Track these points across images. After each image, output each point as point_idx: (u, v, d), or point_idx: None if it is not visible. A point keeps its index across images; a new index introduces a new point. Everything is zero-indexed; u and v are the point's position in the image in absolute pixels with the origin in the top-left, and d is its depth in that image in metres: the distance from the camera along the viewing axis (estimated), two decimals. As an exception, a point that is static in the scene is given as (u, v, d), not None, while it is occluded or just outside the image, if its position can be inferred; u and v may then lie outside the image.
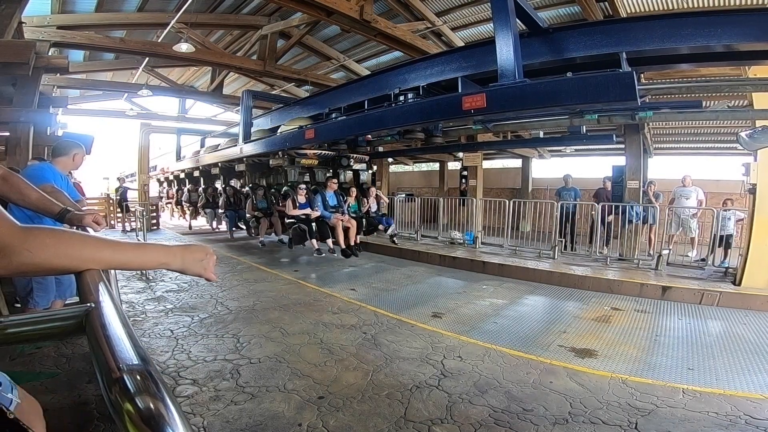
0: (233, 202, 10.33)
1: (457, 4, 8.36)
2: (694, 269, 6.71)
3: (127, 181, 15.66)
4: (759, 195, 5.59)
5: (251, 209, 8.76)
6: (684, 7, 6.47)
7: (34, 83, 5.93)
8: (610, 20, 5.80)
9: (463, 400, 2.81)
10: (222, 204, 10.46)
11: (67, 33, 7.46)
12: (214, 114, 17.41)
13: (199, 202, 11.70)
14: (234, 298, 5.27)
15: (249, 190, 8.91)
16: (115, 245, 0.85)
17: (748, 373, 3.33)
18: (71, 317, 0.77)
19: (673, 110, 5.32)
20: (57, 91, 11.09)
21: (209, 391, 2.85)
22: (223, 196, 10.45)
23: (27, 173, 2.77)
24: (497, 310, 5.05)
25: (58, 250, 0.74)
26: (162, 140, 16.91)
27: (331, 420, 2.54)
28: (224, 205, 10.38)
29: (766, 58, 3.75)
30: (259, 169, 9.58)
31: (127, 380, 0.52)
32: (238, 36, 10.88)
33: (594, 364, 3.51)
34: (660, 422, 2.57)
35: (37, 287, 2.78)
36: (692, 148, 13.13)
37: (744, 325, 4.61)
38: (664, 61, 3.83)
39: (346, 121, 5.50)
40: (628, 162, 8.11)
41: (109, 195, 15.63)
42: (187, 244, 1.00)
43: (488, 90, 3.61)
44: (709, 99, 7.79)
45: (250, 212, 8.82)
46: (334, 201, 7.62)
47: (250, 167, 9.51)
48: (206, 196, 11.47)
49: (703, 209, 8.17)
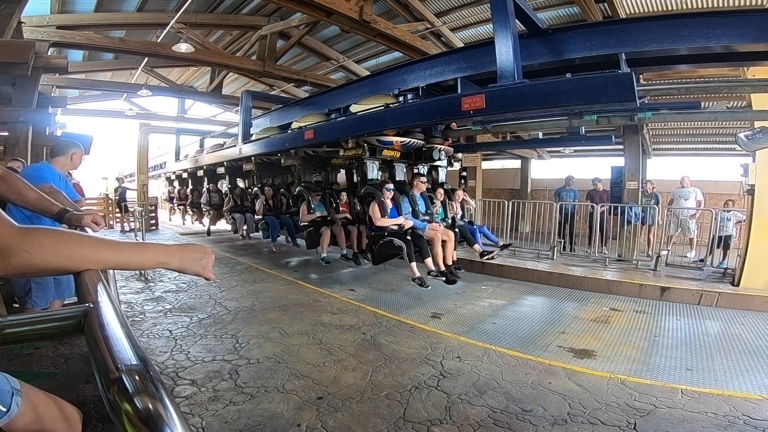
0: (272, 205, 8.46)
1: (457, 5, 8.38)
2: (692, 270, 6.72)
3: (126, 181, 15.64)
4: (757, 196, 5.61)
5: (306, 215, 6.77)
6: (683, 8, 6.49)
7: (33, 83, 5.94)
8: (610, 21, 5.83)
9: (462, 401, 2.81)
10: (260, 208, 8.41)
11: (67, 33, 7.47)
12: (214, 114, 17.41)
13: (225, 205, 9.95)
14: (233, 299, 5.27)
15: (302, 190, 6.96)
16: (113, 245, 0.85)
17: (747, 374, 3.34)
18: (69, 317, 0.77)
19: (672, 111, 5.33)
20: (56, 91, 11.09)
21: (208, 391, 2.84)
22: (261, 198, 8.47)
23: (26, 173, 2.77)
24: (496, 311, 5.05)
25: (56, 250, 0.74)
26: (161, 140, 16.81)
27: (330, 420, 2.53)
28: (263, 209, 8.37)
29: (764, 59, 3.76)
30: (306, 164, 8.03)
31: (125, 380, 0.52)
32: (238, 36, 10.89)
33: (593, 364, 3.51)
34: (659, 423, 2.57)
35: (36, 287, 2.78)
36: (691, 149, 13.17)
37: (742, 325, 4.62)
38: (663, 62, 3.84)
39: (345, 121, 5.50)
40: (627, 163, 8.13)
41: (108, 195, 15.62)
42: (185, 244, 1.00)
43: (487, 91, 3.61)
44: (707, 100, 7.80)
45: (305, 219, 6.78)
46: (424, 206, 5.99)
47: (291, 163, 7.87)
48: (234, 197, 9.71)
49: (702, 210, 8.19)
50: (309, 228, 6.75)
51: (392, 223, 5.42)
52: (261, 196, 8.42)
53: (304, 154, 7.19)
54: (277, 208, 8.46)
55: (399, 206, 5.65)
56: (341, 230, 6.55)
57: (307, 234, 6.79)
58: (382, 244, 5.47)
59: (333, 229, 6.53)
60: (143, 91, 11.48)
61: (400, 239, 5.27)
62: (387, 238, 5.38)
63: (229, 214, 9.76)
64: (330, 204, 6.95)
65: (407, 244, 5.20)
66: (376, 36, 7.50)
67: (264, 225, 8.33)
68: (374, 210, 5.40)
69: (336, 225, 6.60)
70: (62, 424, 0.91)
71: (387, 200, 5.51)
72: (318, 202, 6.85)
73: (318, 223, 6.72)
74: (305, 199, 6.72)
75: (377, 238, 5.53)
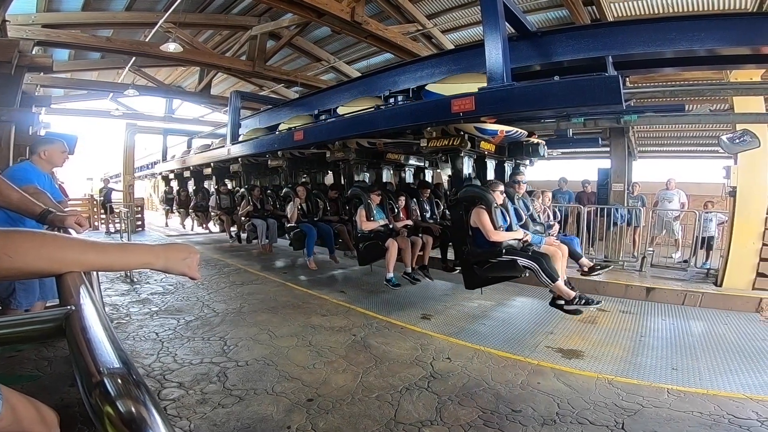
0: (307, 210, 6.93)
1: (448, 7, 8.42)
2: (677, 270, 6.82)
3: (112, 181, 15.39)
4: (739, 197, 5.73)
5: (365, 221, 5.44)
6: (669, 12, 6.61)
7: (16, 82, 5.84)
8: (598, 24, 5.90)
9: (453, 402, 2.82)
10: (293, 213, 6.64)
11: (52, 32, 7.34)
12: (202, 114, 17.26)
13: (241, 209, 8.11)
14: (221, 301, 5.21)
15: (358, 191, 5.67)
16: (97, 246, 0.83)
17: (731, 373, 3.40)
18: (51, 320, 0.75)
19: (657, 113, 5.41)
20: (40, 90, 10.90)
21: (196, 394, 2.81)
22: (296, 201, 6.68)
23: (9, 173, 2.71)
24: (485, 312, 5.07)
25: (39, 253, 0.73)
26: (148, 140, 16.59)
27: (321, 422, 2.52)
28: (297, 216, 6.68)
29: (746, 62, 3.85)
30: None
31: (107, 384, 0.51)
32: (228, 36, 10.81)
33: (581, 364, 3.54)
34: (646, 422, 2.61)
35: (20, 287, 2.72)
36: (675, 151, 13.39)
37: (725, 325, 4.71)
38: (649, 65, 3.90)
39: (335, 123, 5.49)
40: (613, 165, 8.25)
41: (92, 196, 15.37)
42: (169, 243, 0.99)
43: (477, 93, 3.63)
44: (692, 103, 7.95)
45: (366, 228, 5.46)
46: (526, 214, 5.04)
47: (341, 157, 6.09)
48: (252, 200, 7.96)
49: (686, 212, 8.33)
50: (368, 241, 5.53)
51: (511, 238, 4.31)
52: (296, 199, 6.69)
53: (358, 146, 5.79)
54: (312, 213, 6.99)
55: (506, 215, 4.58)
56: (408, 242, 5.54)
57: (365, 248, 5.57)
58: (498, 265, 4.29)
59: (399, 242, 5.43)
60: (130, 91, 11.33)
61: (528, 259, 4.13)
62: (506, 258, 4.19)
63: (248, 219, 8.03)
64: (389, 210, 5.78)
65: (540, 263, 4.07)
66: (368, 37, 7.50)
67: (299, 234, 6.65)
68: (484, 220, 4.22)
69: (401, 236, 5.56)
70: (40, 427, 0.89)
71: (499, 207, 4.39)
72: (377, 207, 5.57)
73: (379, 234, 5.53)
74: (362, 203, 5.49)
75: (488, 256, 4.34)
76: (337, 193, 7.36)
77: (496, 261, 4.28)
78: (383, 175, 6.61)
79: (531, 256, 4.19)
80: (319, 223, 6.86)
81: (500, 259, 4.24)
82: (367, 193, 5.51)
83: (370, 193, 5.50)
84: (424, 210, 6.39)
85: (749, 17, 4.16)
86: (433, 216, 6.52)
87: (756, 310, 5.18)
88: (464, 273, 4.75)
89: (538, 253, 4.32)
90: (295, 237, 6.69)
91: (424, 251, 5.84)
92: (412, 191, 6.49)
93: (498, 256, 4.24)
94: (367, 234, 5.50)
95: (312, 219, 6.90)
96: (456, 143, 4.40)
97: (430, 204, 6.52)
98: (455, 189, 4.68)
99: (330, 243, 6.76)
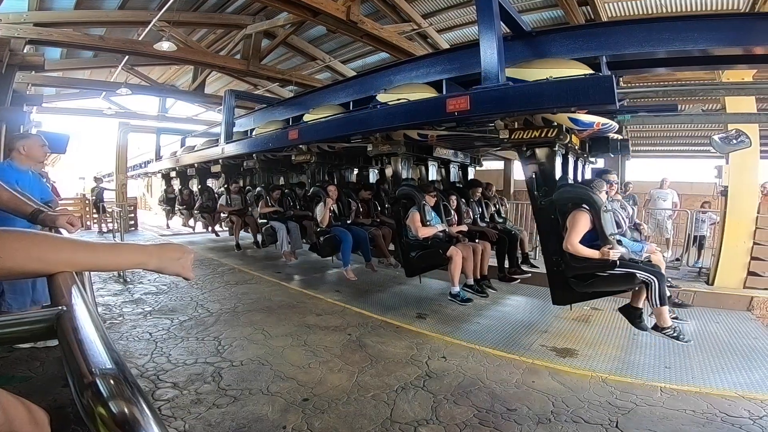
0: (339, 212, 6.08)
1: (444, 6, 8.44)
2: (669, 269, 6.86)
3: (104, 181, 15.23)
4: (731, 197, 5.79)
5: (421, 226, 4.81)
6: (663, 12, 6.65)
7: (7, 81, 5.79)
8: (592, 24, 5.93)
9: (448, 401, 2.82)
10: (324, 216, 5.78)
11: (44, 30, 7.25)
12: (196, 113, 17.15)
13: (260, 209, 7.10)
14: (215, 301, 5.19)
15: (410, 190, 5.03)
16: (89, 246, 0.82)
17: (723, 372, 3.43)
18: (41, 321, 0.74)
19: (650, 113, 5.45)
20: (32, 89, 10.78)
21: (190, 394, 2.79)
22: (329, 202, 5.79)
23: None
24: (480, 311, 5.08)
25: (28, 253, 0.72)
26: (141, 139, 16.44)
27: (317, 422, 2.51)
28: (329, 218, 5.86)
29: (738, 62, 3.88)
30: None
31: (99, 385, 0.50)
32: (222, 35, 10.74)
33: (575, 363, 3.56)
34: (640, 420, 2.63)
35: (9, 289, 2.70)
36: (668, 151, 13.52)
37: (717, 323, 4.75)
38: (642, 65, 3.92)
39: (329, 122, 5.45)
40: (606, 164, 8.27)
41: (84, 195, 15.23)
42: (163, 243, 0.98)
43: (472, 92, 3.63)
44: (684, 103, 8.00)
45: (423, 234, 4.83)
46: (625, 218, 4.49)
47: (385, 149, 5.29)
48: (270, 200, 7.06)
49: (678, 211, 8.40)
50: (423, 249, 4.95)
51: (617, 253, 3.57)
52: (327, 200, 5.79)
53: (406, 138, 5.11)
54: (345, 216, 6.17)
55: (620, 220, 4.19)
56: (470, 250, 4.97)
57: (419, 257, 4.97)
58: (609, 278, 3.67)
59: (462, 250, 4.83)
60: (123, 90, 11.22)
61: (648, 273, 3.55)
62: (619, 270, 3.61)
63: (266, 222, 7.15)
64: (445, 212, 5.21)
65: (660, 279, 3.50)
66: (363, 36, 7.49)
67: (331, 240, 5.87)
68: (575, 223, 3.64)
69: (462, 243, 5.01)
70: (31, 427, 0.88)
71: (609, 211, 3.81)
72: (432, 210, 4.98)
73: (436, 240, 4.95)
74: (415, 205, 4.89)
75: (598, 269, 3.69)
76: (370, 193, 6.62)
77: (607, 274, 3.68)
78: (430, 172, 5.89)
79: (651, 270, 3.63)
80: (352, 227, 6.09)
81: (612, 272, 3.63)
82: (421, 194, 4.89)
83: (424, 194, 4.90)
84: (475, 212, 5.86)
85: (741, 17, 4.19)
86: (484, 219, 6.01)
87: (747, 309, 5.24)
88: (554, 287, 4.13)
89: (649, 265, 3.82)
90: (327, 243, 5.87)
91: (483, 260, 5.26)
92: (461, 191, 5.91)
93: (610, 269, 3.64)
94: (421, 241, 4.89)
95: (345, 222, 6.12)
96: (551, 135, 3.78)
97: (479, 206, 6.01)
98: (546, 188, 3.94)
99: (366, 249, 6.06)
